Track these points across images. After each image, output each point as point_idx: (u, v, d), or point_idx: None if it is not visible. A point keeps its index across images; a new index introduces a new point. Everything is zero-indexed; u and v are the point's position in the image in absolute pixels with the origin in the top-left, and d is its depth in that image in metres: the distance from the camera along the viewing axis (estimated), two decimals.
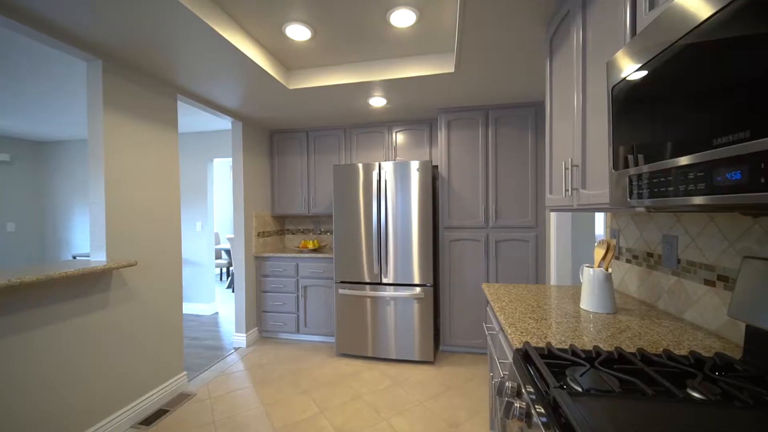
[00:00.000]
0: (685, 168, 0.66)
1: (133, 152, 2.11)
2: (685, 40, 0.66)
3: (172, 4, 1.48)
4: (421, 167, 2.76)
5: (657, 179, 0.75)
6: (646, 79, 0.77)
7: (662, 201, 0.73)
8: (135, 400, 2.10)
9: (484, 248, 2.88)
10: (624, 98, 0.85)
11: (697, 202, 0.64)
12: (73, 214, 4.68)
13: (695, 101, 0.63)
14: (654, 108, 0.75)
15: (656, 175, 0.74)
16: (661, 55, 0.72)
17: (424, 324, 2.79)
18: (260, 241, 3.47)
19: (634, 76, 0.80)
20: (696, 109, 0.63)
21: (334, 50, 2.21)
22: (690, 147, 0.65)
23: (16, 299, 1.54)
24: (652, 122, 0.75)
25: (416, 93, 2.60)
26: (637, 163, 0.81)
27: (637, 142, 0.81)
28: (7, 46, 2.06)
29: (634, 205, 0.84)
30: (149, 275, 2.21)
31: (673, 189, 0.70)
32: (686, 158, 0.65)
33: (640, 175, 0.80)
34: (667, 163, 0.71)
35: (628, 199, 0.85)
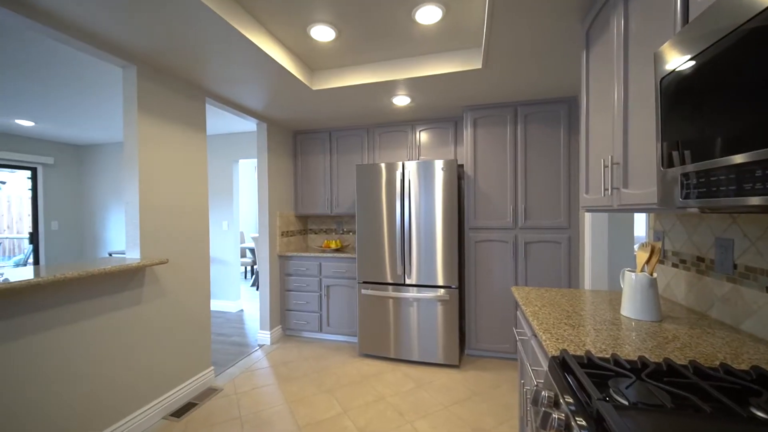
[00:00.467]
0: (745, 166, 0.60)
1: (165, 154, 2.19)
2: (751, 23, 0.59)
3: (203, 10, 1.51)
4: (446, 166, 2.71)
5: (713, 178, 0.68)
6: (701, 70, 0.70)
7: (718, 201, 0.67)
8: (166, 392, 2.17)
9: (512, 250, 2.79)
10: (675, 91, 0.79)
11: (757, 202, 0.58)
12: (109, 213, 4.94)
13: (761, 92, 0.57)
14: (710, 101, 0.68)
15: (712, 173, 0.68)
16: (720, 42, 0.66)
17: (448, 326, 2.74)
18: (284, 241, 3.52)
19: (687, 67, 0.74)
20: (762, 101, 0.57)
21: (357, 50, 2.20)
22: (752, 143, 0.58)
23: (62, 293, 1.63)
24: (708, 116, 0.69)
25: (441, 91, 2.55)
26: (689, 161, 0.74)
27: (690, 138, 0.74)
28: (49, 55, 2.19)
29: (686, 206, 0.77)
30: (179, 273, 2.29)
31: (731, 188, 0.63)
32: (747, 155, 0.59)
33: (693, 174, 0.73)
34: (724, 160, 0.64)
35: (680, 199, 0.78)
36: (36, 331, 1.54)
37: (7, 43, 2.04)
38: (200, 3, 1.48)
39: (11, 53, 2.17)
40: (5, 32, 1.93)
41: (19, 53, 2.17)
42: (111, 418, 1.84)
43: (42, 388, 1.56)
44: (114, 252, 4.72)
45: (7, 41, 2.02)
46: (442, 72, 2.23)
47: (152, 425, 2.04)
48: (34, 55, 2.20)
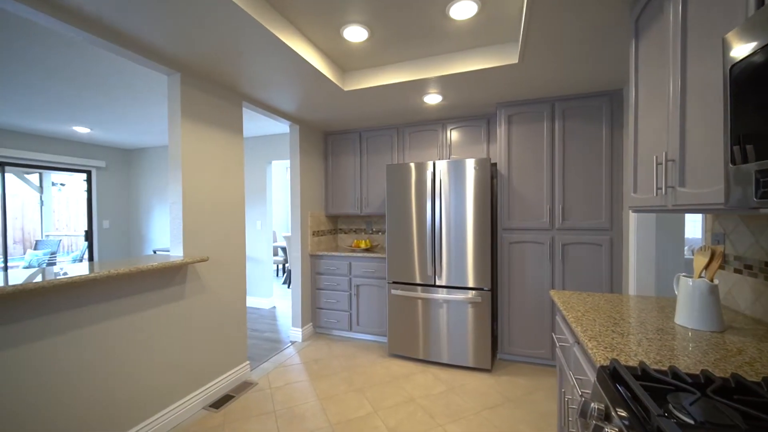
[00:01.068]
0: None
1: (205, 157, 2.29)
2: None
3: (242, 16, 1.57)
4: (479, 165, 2.65)
5: None
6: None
7: None
8: (206, 384, 2.28)
9: (548, 251, 2.67)
10: (748, 79, 0.71)
11: None
12: (153, 212, 5.26)
13: None
14: None
15: None
16: None
17: (480, 330, 2.67)
18: (315, 240, 3.59)
19: (764, 53, 0.67)
20: None
21: (389, 49, 2.20)
22: None
23: (115, 288, 1.75)
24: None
25: (474, 88, 2.49)
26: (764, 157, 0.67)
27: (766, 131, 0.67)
28: (105, 67, 2.36)
29: (763, 207, 0.69)
30: (218, 270, 2.39)
31: None
32: None
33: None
34: None
35: (755, 199, 0.71)
36: (91, 323, 1.66)
37: (70, 57, 2.22)
38: (239, 9, 1.53)
39: (73, 66, 2.36)
40: (69, 47, 2.10)
41: (78, 66, 2.36)
42: (156, 406, 1.96)
43: (93, 377, 1.68)
44: (158, 249, 5.03)
45: (70, 55, 2.20)
46: (476, 68, 2.18)
47: (193, 415, 2.15)
48: (92, 67, 2.38)
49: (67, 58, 2.24)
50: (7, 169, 4.27)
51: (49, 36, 1.98)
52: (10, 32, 1.93)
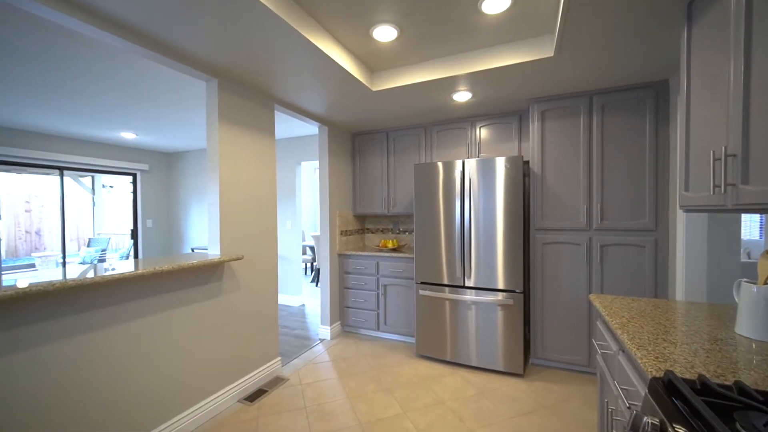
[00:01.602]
0: None
1: (240, 159, 2.38)
2: None
3: (277, 22, 1.61)
4: (510, 163, 2.56)
5: None
6: None
7: None
8: (240, 378, 2.36)
9: (585, 253, 2.55)
10: None
11: None
12: (191, 212, 5.54)
13: None
14: None
15: None
16: None
17: (511, 333, 2.59)
18: (343, 240, 3.63)
19: None
20: None
21: (418, 48, 2.18)
22: None
23: (159, 284, 1.86)
24: None
25: (506, 83, 2.42)
26: None
27: None
28: (149, 75, 2.51)
29: None
30: (252, 268, 2.47)
31: None
32: None
33: None
34: None
35: None
36: (136, 317, 1.77)
37: (120, 68, 2.38)
38: (275, 15, 1.57)
39: (122, 76, 2.53)
40: (115, 57, 2.25)
41: (127, 76, 2.52)
42: (194, 397, 2.05)
43: (139, 368, 1.79)
44: (196, 248, 5.29)
45: (120, 66, 2.36)
46: (508, 63, 2.11)
47: (229, 407, 2.24)
48: (139, 77, 2.54)
49: (117, 69, 2.40)
50: (66, 173, 4.66)
51: (103, 49, 2.13)
52: (77, 48, 2.09)
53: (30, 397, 1.37)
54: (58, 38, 1.99)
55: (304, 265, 7.59)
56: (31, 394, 1.38)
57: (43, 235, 5.90)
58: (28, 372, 1.37)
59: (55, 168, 4.53)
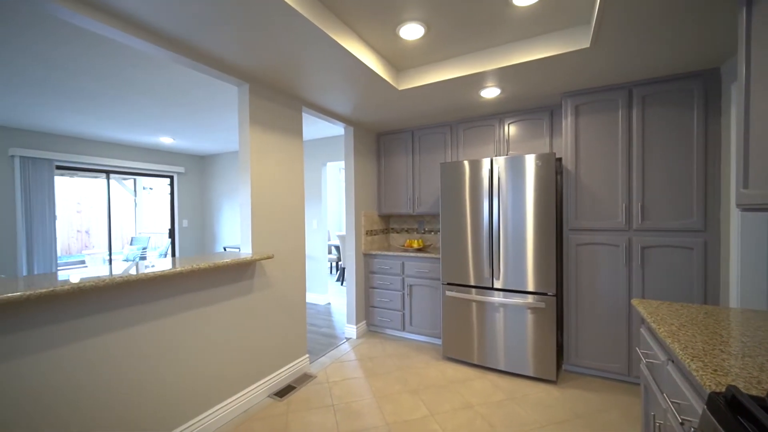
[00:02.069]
0: None
1: (270, 161, 2.44)
2: None
3: (307, 25, 1.63)
4: (541, 160, 2.46)
5: None
6: None
7: None
8: (270, 374, 2.42)
9: (624, 255, 2.40)
10: None
11: None
12: (222, 212, 5.77)
13: None
14: None
15: None
16: None
17: (543, 337, 2.49)
18: (368, 239, 3.64)
19: None
20: None
21: (445, 44, 2.14)
22: None
23: (196, 281, 1.94)
24: None
25: (537, 78, 2.33)
26: None
27: None
28: (185, 82, 2.62)
29: None
30: (281, 267, 2.53)
31: None
32: None
33: None
34: None
35: None
36: (173, 313, 1.85)
37: (156, 75, 2.51)
38: (305, 19, 1.59)
39: (161, 84, 2.66)
40: (152, 64, 2.37)
41: (165, 83, 2.65)
42: (228, 391, 2.13)
43: (175, 362, 1.87)
44: (227, 246, 5.50)
45: (156, 74, 2.49)
46: (540, 57, 2.03)
47: (260, 402, 2.30)
48: (173, 83, 2.67)
49: (155, 77, 2.53)
50: (111, 176, 4.99)
51: (143, 58, 2.25)
52: (119, 59, 2.23)
53: (82, 385, 1.47)
54: (102, 50, 2.13)
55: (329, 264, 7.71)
56: (82, 384, 1.48)
57: (91, 234, 6.36)
58: (81, 363, 1.47)
59: (102, 171, 4.86)
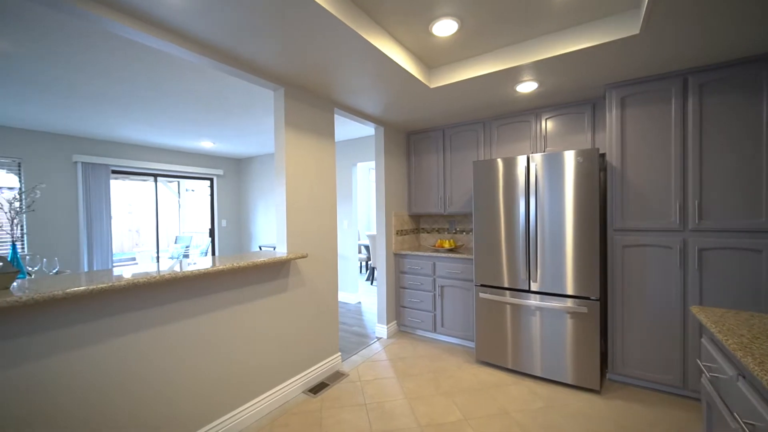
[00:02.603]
0: None
1: (304, 162, 2.49)
2: None
3: (340, 27, 1.65)
4: (583, 156, 2.33)
5: None
6: None
7: None
8: (304, 370, 2.48)
9: (679, 258, 2.21)
10: None
11: None
12: (257, 212, 5.99)
13: None
14: None
15: None
16: None
17: (585, 344, 2.36)
18: (398, 239, 3.63)
19: None
20: None
21: (479, 39, 2.08)
22: None
23: (235, 279, 2.02)
24: None
25: (578, 69, 2.20)
26: None
27: None
28: (219, 86, 2.75)
29: None
30: (314, 266, 2.58)
31: None
32: None
33: None
34: None
35: None
36: (213, 309, 1.94)
37: (200, 83, 2.65)
38: (339, 21, 1.61)
39: (202, 90, 2.81)
40: (196, 74, 2.51)
41: (203, 89, 2.80)
42: (265, 386, 2.20)
43: (214, 357, 1.96)
44: (263, 245, 5.72)
45: (198, 82, 2.63)
46: (583, 47, 1.92)
47: (295, 397, 2.36)
48: (213, 90, 2.81)
49: (197, 84, 2.68)
50: (158, 179, 5.35)
51: (186, 67, 2.38)
52: (162, 67, 2.38)
53: (137, 375, 1.58)
54: (153, 62, 2.28)
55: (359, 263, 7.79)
56: (137, 373, 1.59)
57: (141, 233, 6.86)
58: (135, 354, 1.58)
59: (150, 175, 5.22)
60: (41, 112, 3.36)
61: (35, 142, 4.05)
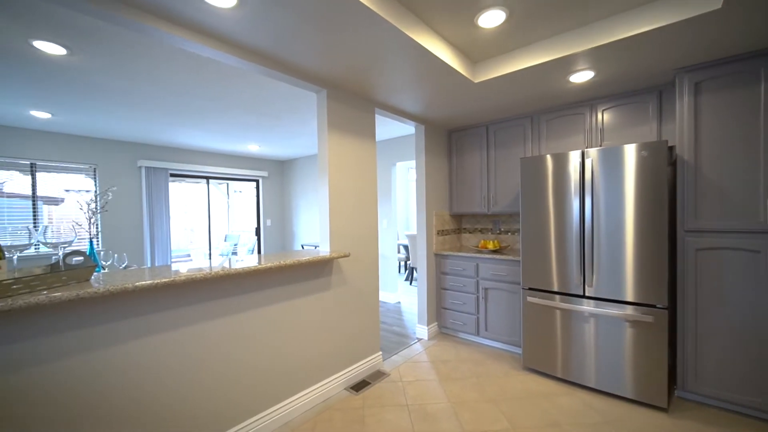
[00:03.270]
0: None
1: (346, 163, 2.52)
2: None
3: (384, 25, 1.63)
4: (650, 150, 2.12)
5: None
6: None
7: None
8: (346, 368, 2.51)
9: (766, 262, 1.93)
10: None
11: None
12: (299, 212, 6.20)
13: None
14: None
15: None
16: None
17: (650, 355, 2.14)
18: (439, 239, 3.56)
19: None
20: None
21: (528, 28, 1.96)
22: None
23: (281, 276, 2.09)
24: None
25: (643, 54, 2.00)
26: None
27: None
28: (272, 94, 2.86)
29: None
30: (356, 265, 2.60)
31: None
32: None
33: None
34: None
35: None
36: (258, 305, 2.01)
37: (248, 89, 2.78)
38: (383, 20, 1.60)
39: (246, 96, 2.95)
40: (244, 81, 2.63)
41: (249, 95, 2.93)
42: (309, 381, 2.25)
43: (262, 351, 2.03)
44: (304, 244, 5.91)
45: (247, 89, 2.76)
46: (650, 28, 1.74)
47: (337, 394, 2.39)
48: (259, 95, 2.93)
49: (244, 91, 2.81)
50: (210, 182, 5.73)
51: (235, 73, 2.51)
52: (220, 79, 2.53)
53: (193, 362, 1.69)
54: (207, 72, 2.42)
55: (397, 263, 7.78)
56: (197, 360, 1.69)
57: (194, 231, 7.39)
58: (189, 345, 1.68)
59: (203, 177, 5.60)
60: (111, 122, 3.73)
61: (107, 150, 4.51)
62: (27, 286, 1.21)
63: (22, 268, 1.39)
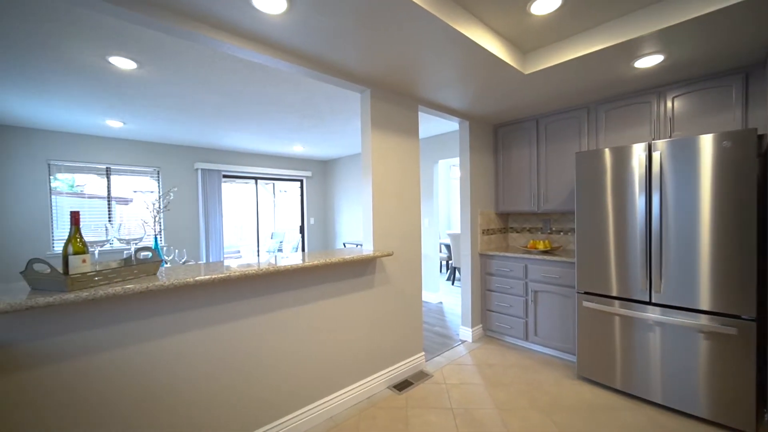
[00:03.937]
0: None
1: (389, 162, 2.51)
2: None
3: (429, 19, 1.59)
4: (732, 139, 1.87)
5: None
6: None
7: None
8: (389, 366, 2.50)
9: None
10: None
11: None
12: (341, 211, 6.32)
13: None
14: None
15: None
16: None
17: (732, 372, 1.89)
18: (484, 239, 3.43)
19: None
20: None
21: (586, 13, 1.81)
22: None
23: (330, 273, 2.14)
24: None
25: (722, 32, 1.77)
26: None
27: None
28: (316, 95, 2.93)
29: None
30: (399, 264, 2.59)
31: None
32: None
33: None
34: None
35: None
36: (305, 302, 2.07)
37: (294, 92, 2.87)
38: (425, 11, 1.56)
39: (291, 99, 3.05)
40: (291, 84, 2.71)
41: (294, 97, 3.03)
42: (352, 377, 2.28)
43: (308, 347, 2.08)
44: (346, 242, 6.02)
45: (293, 92, 2.85)
46: (732, 2, 1.52)
47: (380, 392, 2.40)
48: (303, 97, 3.01)
49: (289, 93, 2.90)
50: (258, 182, 6.05)
51: (282, 77, 2.60)
52: (269, 83, 2.65)
53: (244, 355, 1.78)
54: (257, 78, 2.54)
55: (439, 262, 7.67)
56: (247, 354, 1.78)
57: (243, 229, 7.84)
58: (241, 338, 1.77)
59: (251, 178, 5.91)
60: (172, 128, 4.05)
61: (168, 153, 4.92)
62: (106, 278, 1.34)
63: (101, 261, 1.55)
